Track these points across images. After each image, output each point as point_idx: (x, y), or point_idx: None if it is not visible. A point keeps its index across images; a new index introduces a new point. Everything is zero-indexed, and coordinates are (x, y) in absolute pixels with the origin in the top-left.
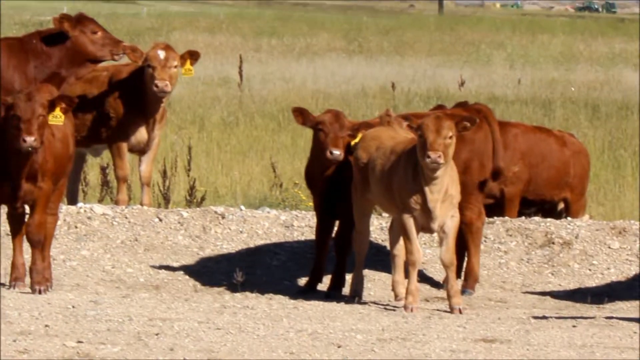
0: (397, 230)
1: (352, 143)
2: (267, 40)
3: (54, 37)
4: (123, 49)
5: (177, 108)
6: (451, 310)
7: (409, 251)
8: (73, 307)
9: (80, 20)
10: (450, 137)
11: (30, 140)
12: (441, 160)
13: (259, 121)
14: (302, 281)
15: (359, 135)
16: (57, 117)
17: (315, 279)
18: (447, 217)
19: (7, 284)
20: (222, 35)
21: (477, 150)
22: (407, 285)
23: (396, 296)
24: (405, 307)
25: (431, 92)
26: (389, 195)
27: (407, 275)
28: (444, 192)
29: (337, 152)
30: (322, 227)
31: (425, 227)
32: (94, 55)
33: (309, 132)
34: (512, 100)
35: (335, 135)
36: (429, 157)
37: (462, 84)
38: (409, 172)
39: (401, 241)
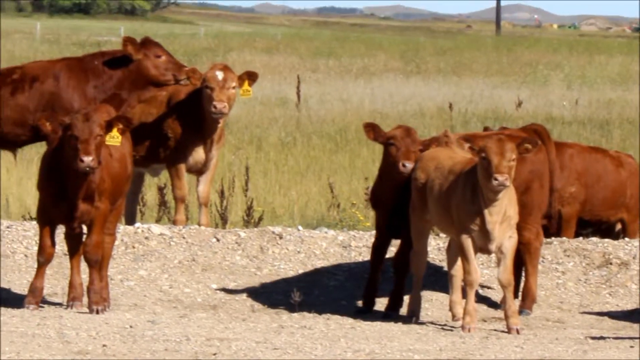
0: (455, 251)
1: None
2: (325, 61)
3: (117, 59)
4: (186, 74)
5: (234, 128)
6: (509, 330)
7: (466, 271)
8: (130, 327)
9: (145, 43)
10: (513, 160)
11: (87, 160)
12: (507, 183)
13: (317, 141)
14: (360, 301)
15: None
16: (114, 138)
17: (370, 297)
18: (505, 238)
19: (65, 303)
20: (280, 56)
21: (537, 171)
22: (465, 306)
23: (454, 316)
24: (462, 327)
25: (488, 112)
26: (447, 215)
27: (464, 295)
28: (503, 214)
29: (409, 165)
30: (380, 245)
31: (483, 248)
32: (156, 79)
33: (366, 153)
34: (569, 120)
35: (407, 149)
36: (496, 179)
37: (519, 104)
38: (468, 193)
39: (459, 261)
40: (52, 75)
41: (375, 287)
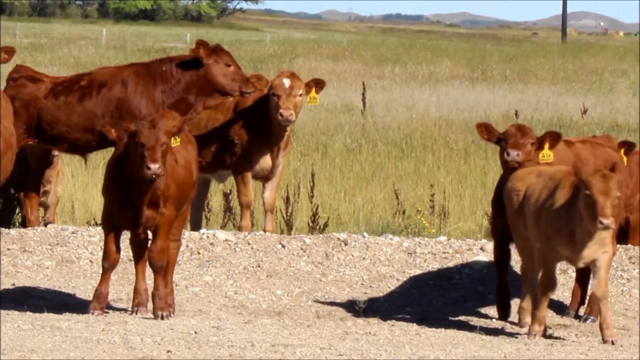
0: (536, 258)
1: (540, 156)
2: (391, 68)
3: (186, 64)
4: (253, 87)
5: (300, 135)
6: (604, 341)
7: (543, 280)
8: (195, 332)
9: (216, 50)
10: (617, 198)
11: (154, 167)
12: (612, 226)
13: (382, 148)
14: (424, 308)
15: (546, 146)
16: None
17: (504, 305)
18: (599, 254)
19: (130, 309)
20: (345, 63)
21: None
22: (535, 312)
23: (520, 323)
24: (529, 333)
25: (554, 120)
26: (538, 221)
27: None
28: (597, 236)
29: (514, 153)
30: (500, 251)
31: (570, 260)
32: (222, 87)
33: (431, 160)
34: (635, 128)
35: (516, 141)
36: (601, 223)
37: (585, 111)
38: (563, 210)
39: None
40: (119, 81)
41: (506, 294)
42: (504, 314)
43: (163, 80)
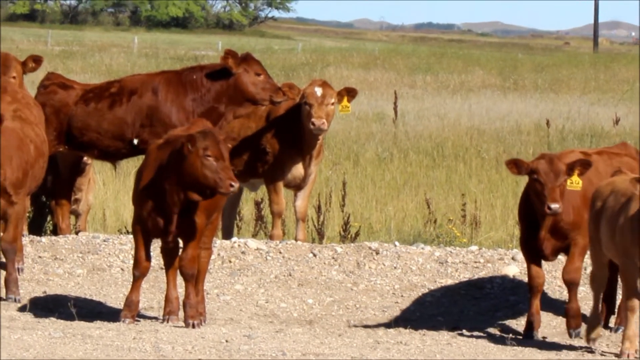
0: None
1: (568, 182)
2: (422, 77)
3: (216, 73)
4: (283, 96)
5: (331, 143)
6: (620, 354)
7: (626, 297)
8: (226, 341)
9: (246, 59)
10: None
11: (236, 186)
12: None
13: (414, 157)
14: (456, 317)
15: (576, 173)
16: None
17: (530, 327)
18: None
19: (161, 317)
20: (377, 71)
21: None
22: (625, 331)
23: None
24: (621, 352)
25: (586, 129)
26: (613, 237)
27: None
28: None
29: (556, 206)
30: (534, 271)
31: None
32: (252, 96)
33: (462, 169)
34: None
35: (552, 186)
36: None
37: (616, 121)
38: (636, 220)
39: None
40: (150, 88)
41: (536, 322)
42: (529, 335)
43: (194, 88)
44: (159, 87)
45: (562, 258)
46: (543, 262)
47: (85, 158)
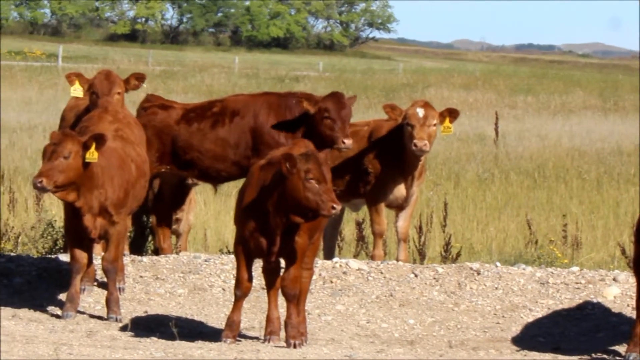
0: None
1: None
2: (523, 98)
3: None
4: (351, 142)
5: (432, 164)
6: None
7: None
8: None
9: (328, 100)
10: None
11: (337, 208)
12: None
13: (514, 178)
14: (557, 338)
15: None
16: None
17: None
18: None
19: (262, 337)
20: (478, 92)
21: None
22: None
23: None
24: None
25: None
26: None
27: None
28: None
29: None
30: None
31: None
32: (323, 136)
33: (563, 190)
34: None
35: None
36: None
37: None
38: None
39: None
40: (252, 110)
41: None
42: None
43: (292, 113)
44: (261, 110)
45: None
46: None
47: (189, 180)
